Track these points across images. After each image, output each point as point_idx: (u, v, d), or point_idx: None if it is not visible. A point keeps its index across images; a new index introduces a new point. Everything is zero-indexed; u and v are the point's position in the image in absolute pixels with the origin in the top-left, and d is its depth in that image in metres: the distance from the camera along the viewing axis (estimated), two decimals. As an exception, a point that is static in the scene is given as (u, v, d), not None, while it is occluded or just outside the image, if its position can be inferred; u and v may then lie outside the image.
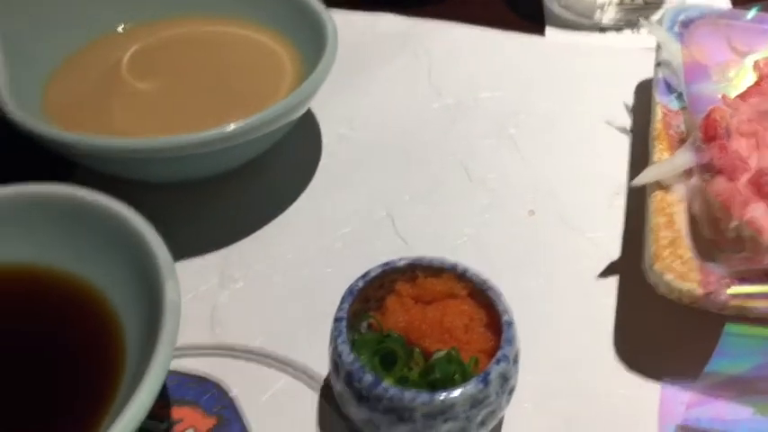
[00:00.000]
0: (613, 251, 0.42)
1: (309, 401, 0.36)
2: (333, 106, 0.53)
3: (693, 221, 0.36)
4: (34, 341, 0.34)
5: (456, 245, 0.43)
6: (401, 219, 0.45)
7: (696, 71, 0.42)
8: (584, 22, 0.62)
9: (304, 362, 0.37)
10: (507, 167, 0.48)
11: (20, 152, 0.48)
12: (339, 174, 0.48)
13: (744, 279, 0.32)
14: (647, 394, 0.36)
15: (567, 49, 0.59)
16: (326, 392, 0.36)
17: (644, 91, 0.53)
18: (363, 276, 0.34)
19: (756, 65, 0.42)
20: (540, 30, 0.61)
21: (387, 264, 0.35)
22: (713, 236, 0.35)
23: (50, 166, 0.44)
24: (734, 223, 0.33)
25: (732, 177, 0.34)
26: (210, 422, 0.35)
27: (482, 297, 0.34)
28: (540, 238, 0.44)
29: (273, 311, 0.40)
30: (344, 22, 0.61)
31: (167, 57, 0.50)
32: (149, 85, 0.48)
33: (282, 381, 0.37)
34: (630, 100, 0.53)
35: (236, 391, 0.36)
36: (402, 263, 0.35)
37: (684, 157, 0.37)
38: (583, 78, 0.56)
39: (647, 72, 0.52)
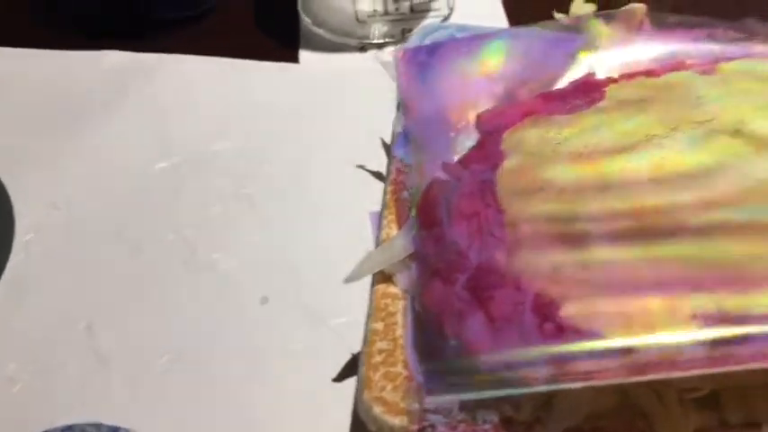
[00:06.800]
0: (356, 343, 0.36)
1: None
2: (30, 181, 0.43)
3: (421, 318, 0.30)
4: None
5: (162, 363, 0.35)
6: (104, 331, 0.36)
7: (428, 120, 0.35)
8: (348, 42, 0.55)
9: None
10: (241, 240, 0.41)
11: None
12: (34, 277, 0.39)
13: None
14: None
15: (323, 76, 0.51)
16: None
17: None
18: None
19: (478, 120, 0.36)
20: (296, 56, 0.53)
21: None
22: (438, 343, 0.29)
23: None
24: (452, 341, 0.27)
25: (448, 279, 0.28)
26: None
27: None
28: (273, 334, 0.36)
29: None
30: (56, 66, 0.50)
31: None
32: None
33: None
34: (389, 134, 0.47)
35: None
36: (41, 442, 0.26)
37: (403, 243, 0.30)
38: (338, 110, 0.48)
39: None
